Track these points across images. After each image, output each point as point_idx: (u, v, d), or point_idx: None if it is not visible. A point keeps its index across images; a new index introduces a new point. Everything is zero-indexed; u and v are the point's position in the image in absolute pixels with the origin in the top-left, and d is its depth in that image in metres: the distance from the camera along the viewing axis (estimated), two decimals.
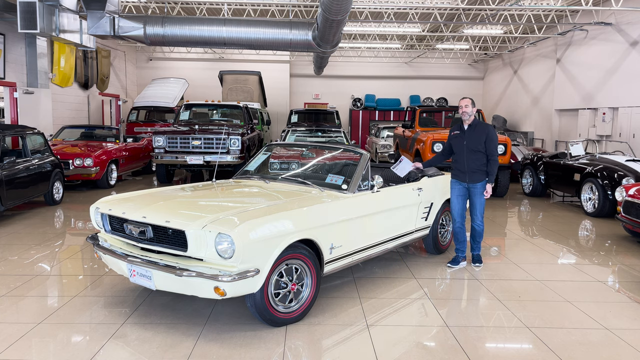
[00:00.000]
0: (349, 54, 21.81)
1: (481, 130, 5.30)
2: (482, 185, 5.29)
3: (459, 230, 5.46)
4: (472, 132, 5.30)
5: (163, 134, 10.72)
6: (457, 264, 5.47)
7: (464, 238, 5.50)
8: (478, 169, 5.29)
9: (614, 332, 3.90)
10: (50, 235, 6.69)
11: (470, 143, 5.27)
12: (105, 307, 4.21)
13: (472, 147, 5.25)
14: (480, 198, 5.32)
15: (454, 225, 5.50)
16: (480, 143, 5.24)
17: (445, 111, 12.72)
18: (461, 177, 5.37)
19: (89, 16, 10.21)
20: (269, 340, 3.63)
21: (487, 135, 5.24)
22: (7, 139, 8.48)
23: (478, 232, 5.46)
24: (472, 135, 5.28)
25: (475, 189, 5.32)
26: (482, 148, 5.25)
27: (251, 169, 5.44)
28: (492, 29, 16.64)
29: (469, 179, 5.30)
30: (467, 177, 5.30)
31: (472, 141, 5.27)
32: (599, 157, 9.37)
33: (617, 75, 13.22)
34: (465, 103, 5.34)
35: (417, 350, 3.56)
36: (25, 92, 12.06)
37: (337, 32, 9.68)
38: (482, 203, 5.35)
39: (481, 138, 5.24)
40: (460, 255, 5.53)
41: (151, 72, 21.20)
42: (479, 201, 5.34)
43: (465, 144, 5.30)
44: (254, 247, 3.46)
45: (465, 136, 5.33)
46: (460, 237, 5.49)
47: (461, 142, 5.35)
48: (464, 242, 5.51)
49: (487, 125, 5.38)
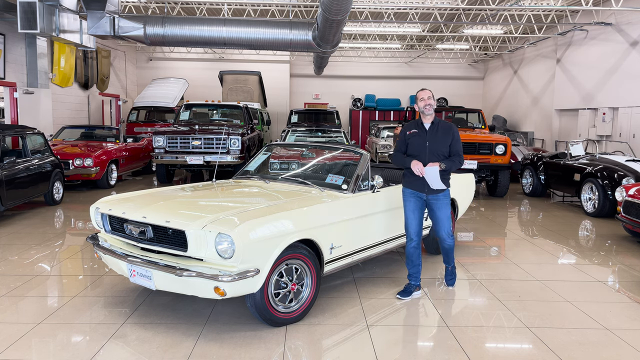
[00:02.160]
0: (349, 54, 21.81)
1: (446, 129, 4.48)
2: (445, 196, 4.48)
3: (414, 252, 4.52)
4: (435, 131, 4.46)
5: (163, 134, 10.72)
6: (409, 295, 4.52)
7: (419, 261, 4.56)
8: (440, 177, 4.42)
9: (614, 332, 3.90)
10: (50, 235, 6.69)
11: (434, 145, 4.43)
12: (105, 307, 4.21)
13: (436, 150, 4.41)
14: (445, 211, 4.49)
15: (408, 245, 4.54)
16: (446, 145, 4.44)
17: (445, 111, 12.71)
18: (418, 187, 4.45)
19: (89, 16, 10.21)
20: (269, 340, 3.63)
21: (453, 136, 4.46)
22: (7, 139, 8.48)
23: (449, 247, 4.66)
24: (436, 135, 4.45)
25: (438, 201, 4.45)
26: (447, 152, 4.45)
27: (251, 169, 5.45)
28: (492, 29, 16.64)
29: (429, 190, 4.42)
30: (426, 186, 4.41)
31: (436, 143, 4.43)
32: (599, 157, 9.38)
33: (617, 75, 13.22)
34: (428, 94, 4.47)
35: (417, 351, 3.56)
36: (25, 92, 12.06)
37: (337, 32, 9.68)
38: (448, 216, 4.53)
39: (446, 139, 4.45)
40: (414, 283, 4.59)
41: (151, 72, 21.20)
42: (445, 214, 4.49)
43: (428, 145, 4.43)
44: (254, 247, 3.46)
45: (427, 136, 4.46)
46: (414, 259, 4.53)
47: (422, 144, 4.46)
48: (418, 267, 4.57)
49: (451, 124, 4.57)
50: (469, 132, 10.75)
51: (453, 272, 4.91)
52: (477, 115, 12.05)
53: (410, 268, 4.57)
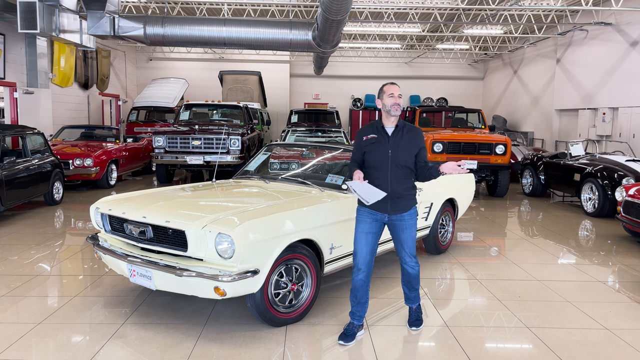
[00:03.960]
0: (349, 54, 21.81)
1: (413, 136, 3.60)
2: (410, 216, 3.62)
3: (361, 285, 3.64)
4: (399, 136, 3.56)
5: (163, 134, 10.72)
6: (352, 339, 3.62)
7: (366, 299, 3.69)
8: (405, 192, 3.58)
9: (614, 332, 3.90)
10: (50, 235, 6.69)
11: (398, 153, 3.52)
12: (105, 307, 4.21)
13: (401, 161, 3.52)
14: (410, 232, 3.64)
15: (355, 276, 3.63)
16: (411, 155, 3.56)
17: (445, 111, 12.71)
18: (379, 206, 3.53)
19: (89, 16, 10.21)
20: (269, 340, 3.63)
21: (421, 144, 3.62)
22: (7, 139, 8.48)
23: (414, 277, 3.77)
24: (401, 141, 3.54)
25: (402, 221, 3.60)
26: (412, 162, 3.58)
27: (251, 169, 5.45)
28: (492, 29, 16.64)
29: (392, 208, 3.56)
30: (388, 205, 3.54)
31: (400, 151, 3.53)
32: (599, 157, 9.38)
33: (617, 75, 13.23)
34: (398, 91, 3.59)
35: (417, 351, 3.56)
36: (25, 92, 12.06)
37: (337, 32, 9.68)
38: (414, 237, 3.68)
39: (413, 147, 3.57)
40: (356, 322, 3.69)
41: (151, 72, 21.20)
42: (409, 236, 3.64)
43: (391, 154, 3.52)
44: (253, 247, 3.46)
45: (389, 143, 3.54)
46: (360, 295, 3.66)
47: (383, 152, 3.54)
48: (365, 305, 3.70)
49: (417, 128, 3.73)
50: (469, 132, 10.75)
51: (418, 313, 3.92)
52: (477, 115, 12.06)
53: (354, 305, 3.68)
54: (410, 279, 3.79)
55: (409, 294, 3.87)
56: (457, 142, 9.91)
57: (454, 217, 6.15)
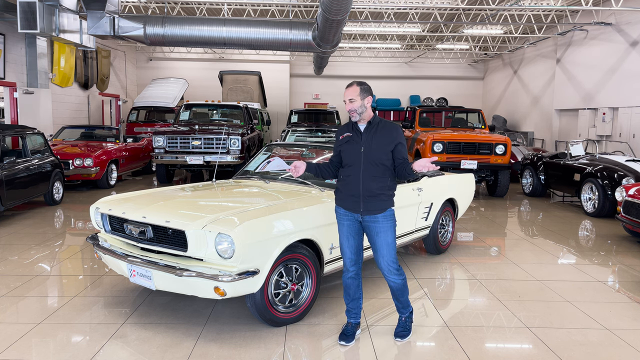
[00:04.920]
0: (349, 54, 21.82)
1: (388, 131, 3.49)
2: (385, 218, 3.47)
3: (351, 283, 3.64)
4: (372, 133, 3.49)
5: (163, 134, 10.72)
6: (352, 339, 3.64)
7: (359, 294, 3.69)
8: (379, 192, 3.45)
9: (614, 332, 3.90)
10: (50, 235, 6.69)
11: (372, 151, 3.45)
12: (105, 307, 4.21)
13: (374, 158, 3.44)
14: (385, 236, 3.46)
15: (344, 275, 3.65)
16: (386, 152, 3.46)
17: (445, 111, 12.72)
18: (351, 205, 3.50)
19: (89, 16, 10.21)
20: (269, 340, 3.63)
21: (397, 140, 3.48)
22: (7, 139, 8.48)
23: (397, 288, 3.57)
24: (374, 138, 3.47)
25: (376, 223, 3.46)
26: (388, 159, 3.47)
27: (251, 169, 5.45)
28: (492, 29, 16.64)
29: (365, 208, 3.45)
30: (361, 204, 3.45)
31: (374, 148, 3.46)
32: (599, 157, 9.38)
33: (617, 75, 13.23)
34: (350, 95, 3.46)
35: (417, 351, 3.56)
36: (25, 92, 12.06)
37: (337, 32, 9.69)
38: (390, 243, 3.47)
39: (387, 143, 3.46)
40: (353, 320, 3.71)
41: (151, 72, 21.20)
42: (384, 241, 3.46)
43: (363, 151, 3.47)
44: (253, 247, 3.46)
45: (362, 140, 3.50)
46: (352, 292, 3.66)
47: (356, 150, 3.49)
48: (358, 300, 3.70)
49: (395, 124, 3.58)
50: (469, 132, 10.76)
51: (407, 323, 3.76)
52: (477, 115, 12.06)
53: (348, 302, 3.70)
54: (395, 290, 3.61)
55: (397, 303, 3.73)
56: (457, 142, 9.92)
57: (454, 217, 6.15)
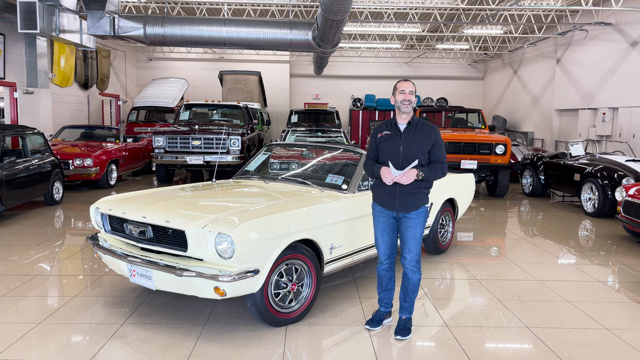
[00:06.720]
0: (349, 54, 21.81)
1: (426, 132, 3.63)
2: (418, 215, 3.64)
3: (384, 274, 3.83)
4: (412, 133, 3.61)
5: (163, 134, 10.72)
6: (379, 325, 3.86)
7: (391, 285, 3.89)
8: (415, 190, 3.59)
9: (614, 332, 3.90)
10: (50, 235, 6.69)
11: (410, 150, 3.58)
12: (105, 307, 4.21)
13: (412, 157, 3.57)
14: (414, 231, 3.63)
15: (378, 267, 3.85)
16: (424, 151, 3.60)
17: (445, 111, 12.72)
18: (388, 203, 3.66)
19: (89, 16, 10.21)
20: (269, 340, 3.63)
21: (435, 139, 3.63)
22: (7, 139, 8.48)
23: (412, 283, 3.72)
24: (413, 138, 3.60)
25: (409, 220, 3.63)
26: (425, 159, 3.62)
27: (251, 169, 5.45)
28: (492, 29, 16.64)
29: (400, 205, 3.61)
30: (397, 201, 3.61)
31: (412, 147, 3.58)
32: (599, 157, 9.38)
33: (617, 75, 13.23)
34: (410, 88, 3.61)
35: (417, 351, 3.56)
36: (25, 92, 12.06)
37: (337, 32, 9.68)
38: (417, 238, 3.65)
39: (426, 143, 3.60)
40: (383, 310, 3.93)
41: (151, 72, 21.20)
42: (412, 235, 3.64)
43: (402, 150, 3.59)
44: (253, 247, 3.46)
45: (401, 139, 3.62)
46: (384, 282, 3.86)
47: (395, 149, 3.62)
48: (390, 291, 3.90)
49: (433, 125, 3.72)
50: (469, 132, 10.76)
51: (407, 323, 3.80)
52: (477, 115, 12.06)
53: (380, 292, 3.91)
54: (409, 285, 3.73)
55: (403, 302, 3.80)
56: (457, 142, 9.92)
57: (454, 217, 6.15)
